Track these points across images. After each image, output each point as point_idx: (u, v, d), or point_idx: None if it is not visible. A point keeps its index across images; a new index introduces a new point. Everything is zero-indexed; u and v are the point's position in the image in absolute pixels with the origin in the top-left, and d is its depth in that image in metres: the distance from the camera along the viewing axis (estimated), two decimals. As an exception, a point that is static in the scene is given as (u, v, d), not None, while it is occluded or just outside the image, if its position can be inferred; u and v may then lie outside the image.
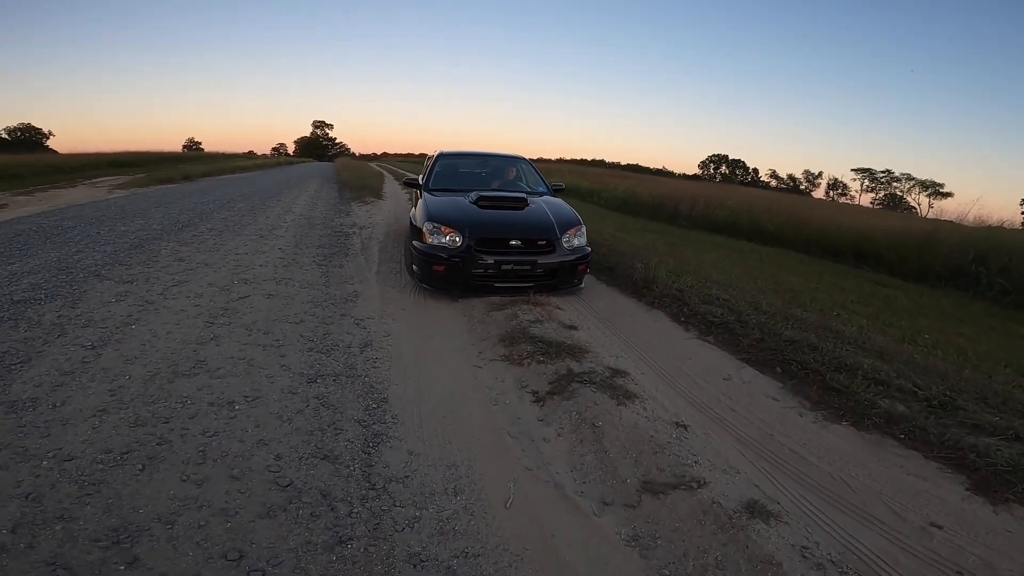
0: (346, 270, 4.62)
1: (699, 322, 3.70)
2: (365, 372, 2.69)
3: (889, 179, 62.94)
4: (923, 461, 2.30)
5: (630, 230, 8.33)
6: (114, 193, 10.91)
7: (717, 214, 10.15)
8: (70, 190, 11.43)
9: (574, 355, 2.91)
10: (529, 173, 5.54)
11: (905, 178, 61.47)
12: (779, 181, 71.98)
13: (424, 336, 3.23)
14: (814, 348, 3.27)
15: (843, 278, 7.03)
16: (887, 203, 59.81)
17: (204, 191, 11.56)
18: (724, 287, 4.48)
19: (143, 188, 12.32)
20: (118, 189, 11.80)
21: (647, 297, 4.16)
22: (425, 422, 2.31)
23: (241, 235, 5.90)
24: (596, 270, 4.97)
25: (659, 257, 5.44)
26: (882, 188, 63.29)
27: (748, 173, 73.14)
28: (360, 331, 3.21)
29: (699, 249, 7.07)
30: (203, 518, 1.64)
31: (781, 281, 5.54)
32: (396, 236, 6.49)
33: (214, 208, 8.31)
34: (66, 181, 14.09)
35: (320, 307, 3.57)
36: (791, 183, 71.07)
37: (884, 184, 63.33)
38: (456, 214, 4.07)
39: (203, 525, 1.61)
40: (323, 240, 5.92)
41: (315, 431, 2.16)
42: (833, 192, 67.04)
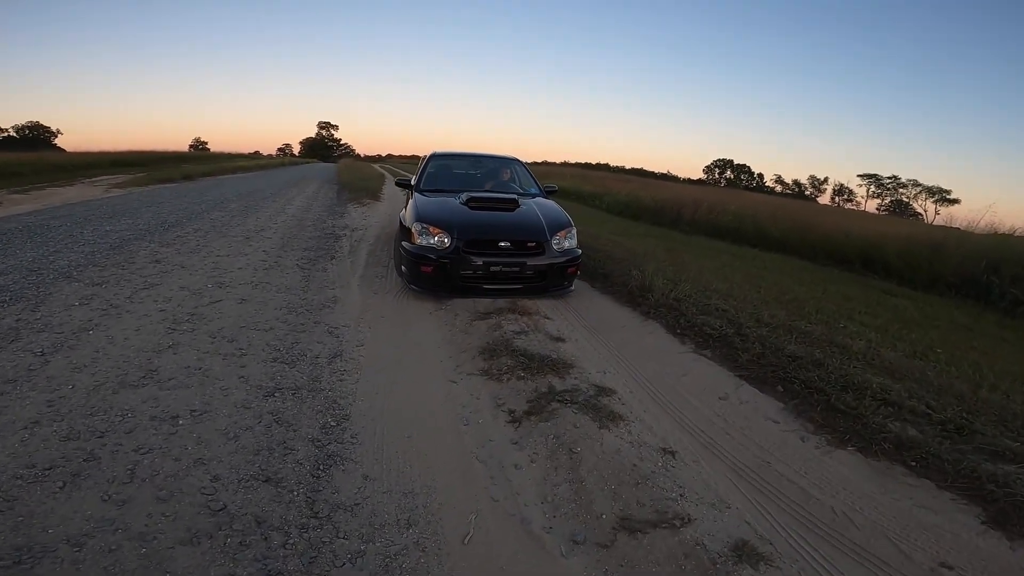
0: (329, 274, 4.44)
1: (696, 334, 3.48)
2: (330, 386, 2.50)
3: (895, 185, 62.53)
4: (935, 492, 2.08)
5: (630, 235, 8.12)
6: (111, 192, 10.82)
7: (721, 219, 9.92)
8: (67, 189, 11.36)
9: (558, 371, 2.70)
10: (522, 174, 5.47)
11: (911, 184, 61.03)
12: (784, 186, 71.60)
13: (400, 347, 3.04)
14: (819, 364, 3.05)
15: (850, 286, 6.79)
16: (893, 209, 59.34)
17: (201, 191, 11.45)
18: (725, 296, 4.26)
19: (141, 188, 12.23)
20: (116, 188, 11.72)
21: (642, 307, 3.95)
22: (387, 443, 2.11)
23: (227, 236, 5.74)
24: (590, 277, 4.76)
25: (657, 264, 5.22)
26: (888, 194, 62.83)
27: (753, 178, 72.81)
28: (332, 340, 3.02)
29: (700, 255, 6.85)
30: (116, 542, 1.49)
31: (785, 290, 5.31)
32: (388, 239, 6.32)
33: (206, 208, 8.18)
34: (66, 180, 14.05)
35: (294, 313, 3.39)
36: (796, 188, 70.62)
37: (890, 190, 62.90)
38: (445, 215, 4.00)
39: (114, 549, 1.47)
40: (311, 242, 5.75)
41: (262, 450, 1.97)
42: (839, 198, 66.63)
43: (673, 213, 11.11)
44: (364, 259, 5.12)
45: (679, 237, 9.07)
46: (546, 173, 24.06)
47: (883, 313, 5.31)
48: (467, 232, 3.82)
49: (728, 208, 10.03)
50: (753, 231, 9.33)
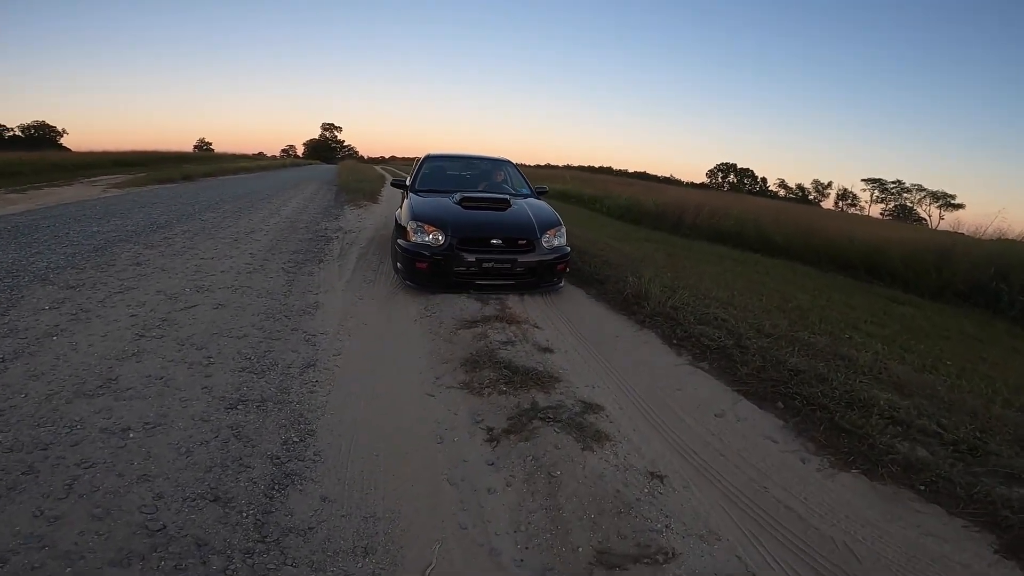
0: (315, 278, 4.30)
1: (693, 345, 3.32)
2: (298, 398, 2.35)
3: (900, 190, 62.14)
4: (946, 518, 1.93)
5: (629, 239, 7.96)
6: (108, 192, 10.77)
7: (722, 223, 9.75)
8: (65, 188, 11.32)
9: (543, 385, 2.55)
10: (514, 176, 5.58)
11: (916, 189, 60.60)
12: (788, 191, 71.27)
13: (379, 356, 2.89)
14: (822, 379, 2.89)
15: (855, 294, 6.61)
16: (897, 214, 59.00)
17: (198, 192, 11.38)
18: (724, 305, 4.10)
19: (139, 188, 12.18)
20: (114, 188, 11.68)
21: (638, 315, 3.79)
22: (353, 461, 1.96)
23: (215, 238, 5.62)
24: (585, 283, 4.61)
25: (655, 270, 5.06)
26: (892, 199, 62.44)
27: (756, 182, 72.48)
28: (307, 349, 2.88)
29: (701, 261, 6.69)
30: (41, 560, 1.40)
31: (788, 297, 5.14)
32: (382, 242, 6.19)
33: (200, 209, 8.08)
34: (65, 179, 14.04)
35: (272, 319, 3.25)
36: (800, 193, 70.29)
37: (894, 195, 62.50)
38: (439, 213, 4.11)
39: (37, 567, 1.37)
40: (301, 245, 5.62)
41: (215, 467, 1.84)
42: (842, 202, 66.25)
43: (674, 217, 10.94)
44: (353, 263, 4.98)
45: (680, 242, 8.90)
46: (548, 176, 23.94)
47: (890, 323, 5.14)
48: (461, 230, 3.93)
49: (730, 212, 9.86)
50: (756, 236, 9.15)
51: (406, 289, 4.12)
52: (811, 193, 70.37)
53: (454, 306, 3.65)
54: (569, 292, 4.40)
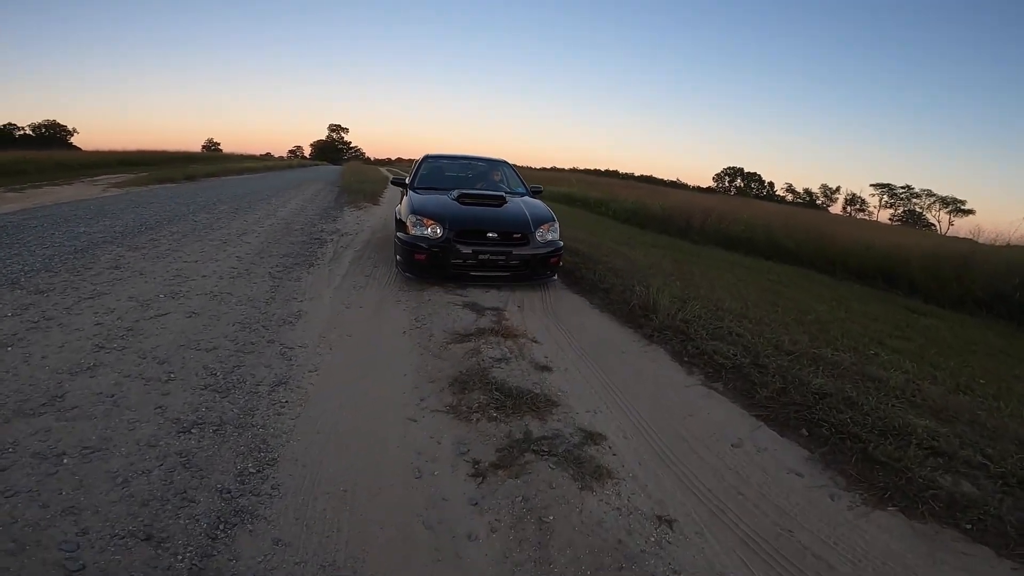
0: (302, 284, 4.07)
1: (706, 363, 3.05)
2: (263, 421, 2.10)
3: (909, 195, 61.42)
4: (995, 561, 1.70)
5: (635, 244, 7.68)
6: (108, 192, 10.65)
7: (732, 229, 9.45)
8: (65, 188, 11.21)
9: (539, 410, 2.29)
10: (510, 176, 5.69)
11: (925, 194, 59.88)
12: (795, 195, 70.68)
13: (360, 372, 2.64)
14: (851, 403, 2.62)
15: (873, 304, 6.30)
16: (906, 219, 58.31)
17: (197, 192, 11.23)
18: (739, 317, 3.82)
19: (140, 187, 12.07)
20: (114, 188, 11.57)
21: (645, 328, 3.52)
22: (316, 497, 1.71)
23: (204, 240, 5.41)
24: (588, 291, 4.34)
25: (663, 278, 4.79)
26: (901, 204, 61.72)
27: (764, 186, 71.91)
28: (281, 364, 2.63)
29: (710, 268, 6.40)
30: None
31: (805, 309, 4.84)
32: (379, 244, 5.97)
33: (195, 209, 7.90)
34: (68, 179, 13.97)
35: (248, 330, 3.01)
36: (807, 197, 69.64)
37: (904, 200, 61.77)
38: (438, 208, 4.28)
39: None
40: (292, 248, 5.39)
41: (153, 500, 1.60)
42: (851, 207, 65.55)
43: (682, 222, 10.66)
44: (345, 268, 4.75)
45: (688, 247, 8.61)
46: (553, 179, 23.71)
47: (914, 336, 4.84)
48: (458, 223, 4.09)
49: (740, 218, 9.55)
50: (766, 242, 8.85)
51: (398, 297, 3.89)
52: (819, 198, 69.75)
53: (447, 317, 3.40)
54: (572, 302, 4.13)
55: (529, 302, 3.94)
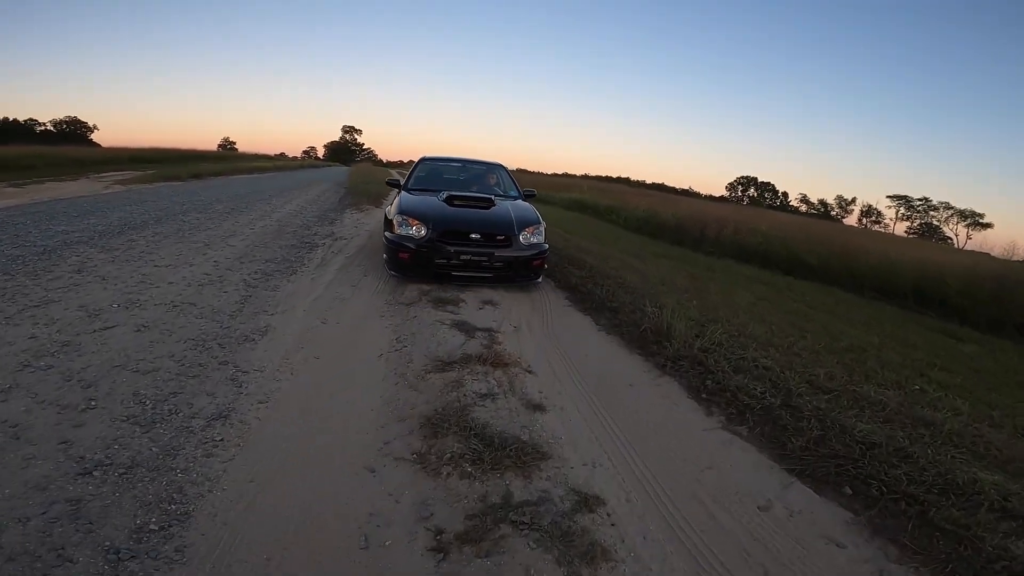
0: (279, 293, 3.69)
1: (728, 402, 2.61)
2: (185, 464, 1.72)
3: (926, 207, 60.05)
4: None
5: (646, 256, 7.24)
6: (109, 189, 10.48)
7: (748, 241, 8.95)
8: (68, 184, 11.10)
9: (524, 464, 1.87)
10: (505, 179, 5.72)
11: (943, 207, 58.50)
12: (809, 206, 69.50)
13: (320, 404, 2.24)
14: (904, 455, 2.19)
15: (907, 328, 5.79)
16: (922, 232, 57.05)
17: (198, 190, 11.00)
18: (764, 345, 3.37)
19: (144, 185, 11.92)
20: (117, 185, 11.42)
21: (658, 356, 3.08)
22: (231, 567, 1.32)
23: (186, 242, 5.08)
24: (595, 310, 3.91)
25: (678, 296, 4.35)
26: (918, 216, 60.39)
27: (777, 196, 70.87)
28: (228, 391, 2.25)
29: (728, 284, 5.94)
30: None
31: (836, 334, 4.37)
32: (373, 250, 5.60)
33: (188, 209, 7.61)
34: (75, 175, 13.91)
35: (200, 348, 2.63)
36: (822, 208, 68.47)
37: (920, 212, 60.43)
38: (423, 208, 4.33)
39: None
40: (279, 252, 5.04)
41: (21, 556, 1.29)
42: (866, 219, 64.31)
43: (695, 232, 10.18)
44: (331, 275, 4.37)
45: (702, 260, 8.15)
46: (565, 185, 23.30)
47: (957, 367, 4.35)
48: (441, 223, 4.14)
49: (757, 229, 9.05)
50: (785, 256, 8.35)
51: (382, 311, 3.50)
52: (833, 209, 68.55)
53: (432, 338, 2.99)
54: (576, 322, 3.71)
55: (528, 322, 3.53)
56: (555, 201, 17.22)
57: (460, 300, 3.73)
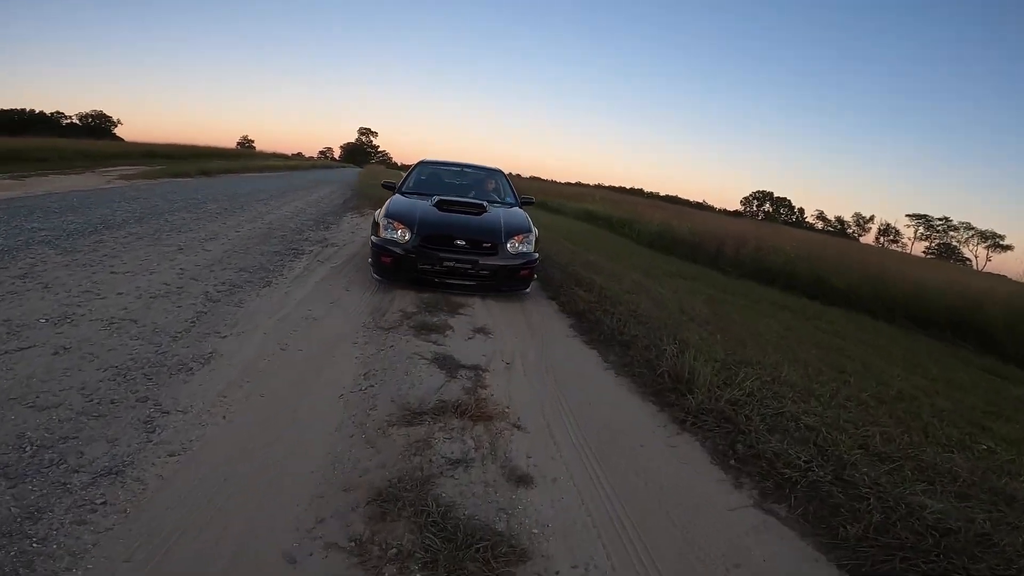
0: (242, 310, 3.25)
1: (763, 472, 2.10)
2: (47, 532, 1.29)
3: (946, 227, 58.57)
4: None
5: (659, 274, 6.72)
6: (111, 183, 10.25)
7: (770, 260, 8.37)
8: (71, 177, 10.92)
9: (493, 571, 1.38)
10: (503, 185, 5.61)
11: (964, 227, 57.01)
12: (826, 223, 68.23)
13: (246, 461, 1.77)
14: (987, 543, 1.75)
15: (949, 366, 5.21)
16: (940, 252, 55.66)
17: (200, 188, 10.71)
18: (803, 394, 2.85)
19: (147, 180, 11.72)
20: (120, 180, 11.23)
21: (676, 408, 2.57)
22: None
23: (158, 244, 4.68)
24: (604, 343, 3.40)
25: (698, 328, 3.83)
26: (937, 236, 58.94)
27: (793, 212, 69.71)
28: (135, 438, 1.79)
29: (752, 312, 5.39)
30: None
31: (880, 376, 3.82)
32: (364, 260, 5.16)
33: (179, 207, 7.26)
34: (83, 168, 13.82)
35: (122, 379, 2.18)
36: (839, 226, 67.17)
37: (940, 232, 58.97)
38: (410, 212, 4.22)
39: None
40: (258, 259, 4.61)
41: None
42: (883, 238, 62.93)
43: (712, 249, 9.63)
44: (309, 289, 3.92)
45: (720, 281, 7.59)
46: (578, 195, 22.82)
47: (1017, 416, 3.79)
48: (426, 228, 4.04)
49: (780, 248, 8.47)
50: (810, 278, 7.76)
51: (356, 337, 3.03)
52: (850, 226, 67.20)
53: (406, 376, 2.52)
54: (581, 358, 3.20)
55: (523, 355, 3.03)
56: (566, 211, 16.75)
57: (447, 327, 3.26)
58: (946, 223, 58.66)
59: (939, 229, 59.25)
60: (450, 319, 3.42)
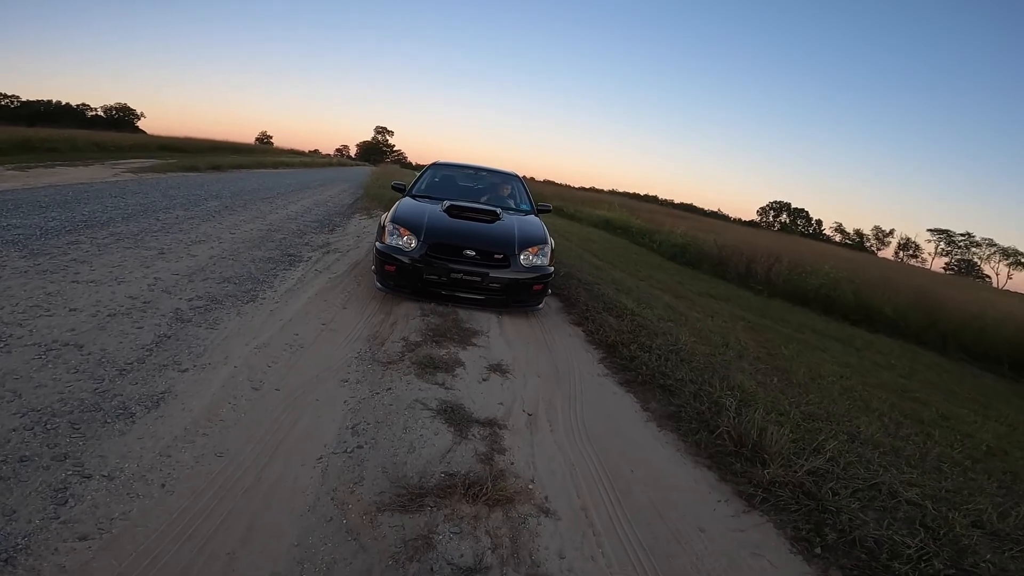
0: (215, 334, 2.75)
1: (861, 564, 1.62)
2: None
3: (968, 243, 56.92)
4: None
5: (690, 294, 6.16)
6: (117, 177, 9.95)
7: (807, 282, 7.74)
8: (77, 169, 10.67)
9: None
10: (519, 191, 5.32)
11: (986, 243, 55.37)
12: (844, 235, 66.75)
13: (179, 558, 1.27)
14: None
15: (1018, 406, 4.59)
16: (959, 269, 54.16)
17: (206, 184, 10.34)
18: (889, 454, 2.30)
19: (155, 174, 11.43)
20: (128, 173, 10.94)
21: (743, 479, 2.03)
22: None
23: (139, 247, 4.22)
24: (643, 384, 2.85)
25: (751, 371, 3.26)
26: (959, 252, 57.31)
27: (811, 224, 68.30)
28: (38, 513, 1.30)
29: (799, 343, 4.81)
30: None
31: (962, 426, 3.25)
32: (368, 269, 4.69)
33: (175, 204, 6.83)
34: (94, 160, 13.63)
35: (41, 427, 1.68)
36: (858, 239, 65.70)
37: (962, 248, 57.35)
38: (417, 218, 3.97)
39: None
40: (247, 268, 4.13)
41: None
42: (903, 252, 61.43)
43: (741, 265, 9.01)
44: (300, 305, 3.44)
45: (753, 302, 6.99)
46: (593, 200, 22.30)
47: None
48: (433, 236, 3.79)
49: (819, 268, 7.83)
50: (853, 302, 7.13)
51: (346, 374, 2.53)
52: (870, 240, 65.73)
53: (404, 435, 2.00)
54: (616, 405, 2.65)
55: (548, 404, 2.50)
56: (582, 218, 16.21)
57: (457, 363, 2.73)
58: (968, 239, 57.05)
59: (961, 245, 57.67)
60: (461, 352, 2.89)
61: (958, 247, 57.90)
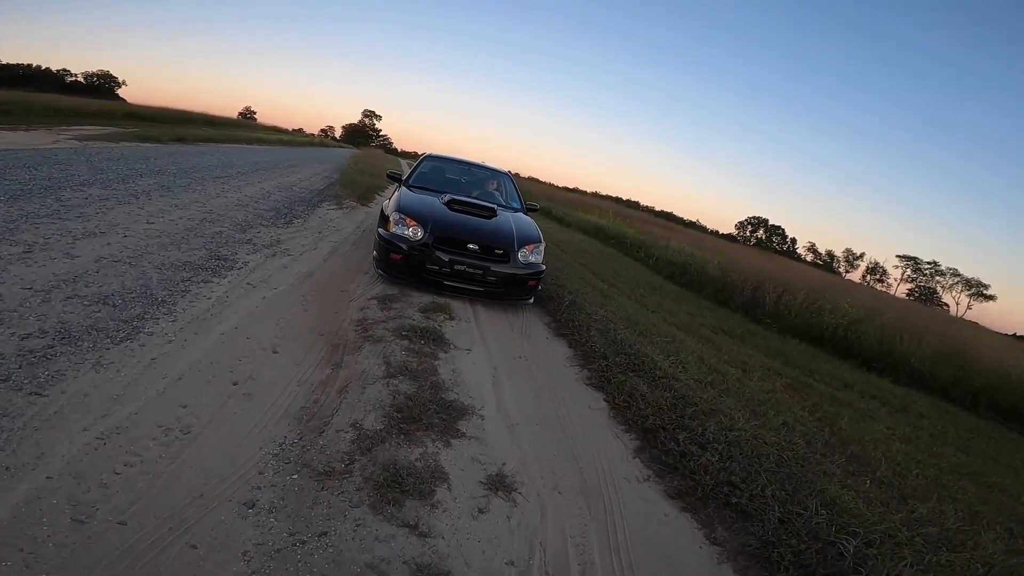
0: (40, 407, 1.72)
1: None
2: None
3: (934, 271, 59.04)
4: None
5: (704, 331, 5.32)
6: (56, 144, 8.61)
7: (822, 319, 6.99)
8: (20, 134, 9.34)
9: None
10: (509, 189, 5.39)
11: (950, 273, 57.56)
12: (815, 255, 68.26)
13: None
14: None
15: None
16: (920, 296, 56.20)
17: (158, 157, 8.99)
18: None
19: (107, 143, 10.16)
20: (74, 140, 9.66)
21: None
22: None
23: (1, 242, 3.10)
24: (703, 500, 1.94)
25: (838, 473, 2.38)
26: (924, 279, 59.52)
27: (786, 241, 69.60)
28: None
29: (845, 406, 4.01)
30: None
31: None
32: (331, 281, 3.66)
33: (97, 181, 5.56)
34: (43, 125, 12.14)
35: None
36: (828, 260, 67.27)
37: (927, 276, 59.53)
38: (423, 210, 4.05)
39: None
40: (144, 278, 3.04)
41: None
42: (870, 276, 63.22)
43: (746, 293, 8.26)
44: (206, 349, 2.39)
45: (771, 341, 6.19)
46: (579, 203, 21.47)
47: None
48: (439, 228, 3.88)
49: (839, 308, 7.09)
50: (877, 348, 6.42)
51: (250, 501, 1.54)
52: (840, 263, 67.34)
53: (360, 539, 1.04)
54: (672, 533, 1.74)
55: (580, 550, 1.57)
56: (571, 222, 15.29)
57: (439, 474, 1.75)
58: (934, 267, 58.99)
59: (927, 272, 59.62)
60: (443, 453, 1.89)
61: (923, 274, 59.84)
